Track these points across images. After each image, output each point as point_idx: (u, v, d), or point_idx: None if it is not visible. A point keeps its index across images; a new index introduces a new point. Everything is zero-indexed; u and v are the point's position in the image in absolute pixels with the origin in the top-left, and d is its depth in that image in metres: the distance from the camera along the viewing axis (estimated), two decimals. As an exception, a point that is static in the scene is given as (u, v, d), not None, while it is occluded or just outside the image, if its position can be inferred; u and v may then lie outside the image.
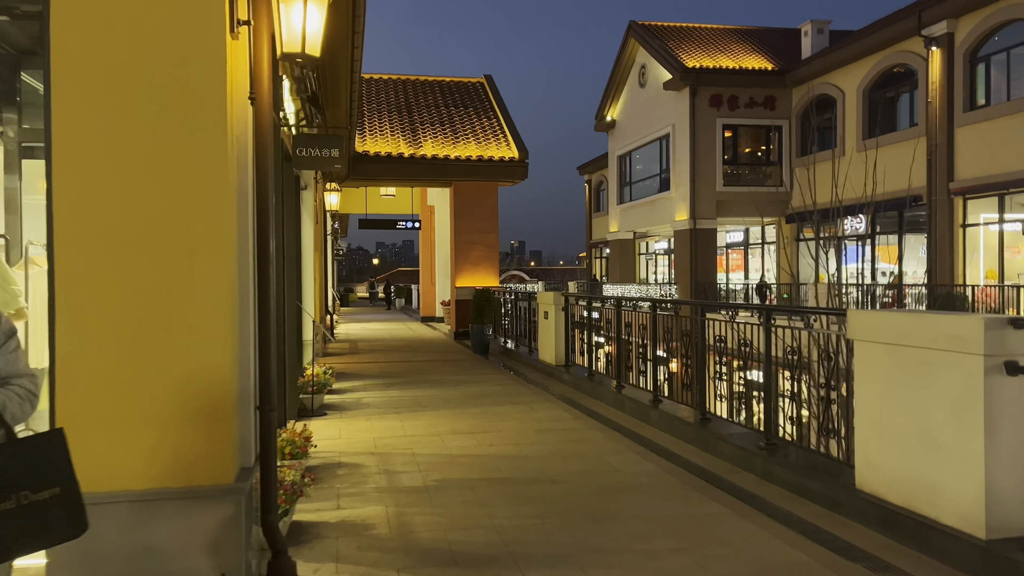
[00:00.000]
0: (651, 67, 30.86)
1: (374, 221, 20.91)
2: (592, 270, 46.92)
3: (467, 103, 21.52)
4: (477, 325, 15.49)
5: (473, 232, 18.84)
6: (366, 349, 16.62)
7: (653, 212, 31.29)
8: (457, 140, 19.33)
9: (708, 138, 27.85)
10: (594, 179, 45.38)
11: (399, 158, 18.35)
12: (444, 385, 10.89)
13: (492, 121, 20.56)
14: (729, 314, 6.45)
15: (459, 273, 18.86)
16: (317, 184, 11.92)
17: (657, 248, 37.38)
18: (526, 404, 9.22)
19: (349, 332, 21.65)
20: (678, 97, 28.45)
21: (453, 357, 14.85)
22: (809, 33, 28.07)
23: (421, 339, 19.18)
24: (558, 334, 11.63)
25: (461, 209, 18.86)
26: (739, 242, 31.59)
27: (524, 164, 18.83)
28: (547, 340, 12.05)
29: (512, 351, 14.44)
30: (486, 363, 13.79)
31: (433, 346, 17.26)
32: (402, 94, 21.83)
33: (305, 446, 5.70)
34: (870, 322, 4.54)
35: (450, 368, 13.00)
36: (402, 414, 8.58)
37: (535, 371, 12.27)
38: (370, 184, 19.37)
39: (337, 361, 14.02)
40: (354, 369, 12.84)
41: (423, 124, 20.01)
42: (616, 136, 35.08)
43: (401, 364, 13.64)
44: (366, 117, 20.08)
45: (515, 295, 15.17)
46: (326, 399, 9.56)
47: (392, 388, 10.65)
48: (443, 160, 18.48)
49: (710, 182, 27.91)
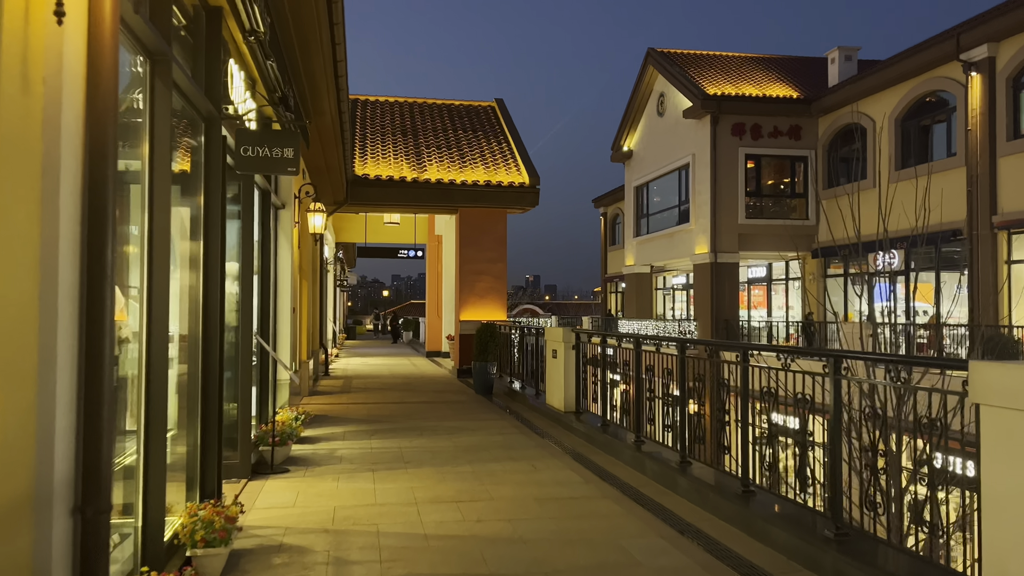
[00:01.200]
0: (670, 95, 29.74)
1: (373, 249, 19.68)
2: (607, 305, 45.49)
3: (476, 127, 20.39)
4: (480, 363, 14.11)
5: (479, 262, 17.55)
6: (359, 387, 15.25)
7: (671, 245, 29.93)
8: (464, 164, 18.13)
9: (730, 168, 26.58)
10: (610, 212, 44.20)
11: (401, 182, 17.15)
12: (436, 434, 9.48)
13: (502, 145, 19.38)
14: (784, 360, 5.06)
15: (464, 306, 17.53)
16: (299, 203, 10.68)
17: (675, 283, 35.96)
18: (528, 460, 7.80)
19: (347, 367, 20.31)
20: (698, 126, 27.26)
21: (452, 398, 13.44)
22: (836, 60, 26.90)
23: (421, 376, 17.79)
24: (568, 376, 10.22)
25: (467, 237, 17.59)
26: (761, 277, 30.13)
27: (535, 190, 17.58)
28: (555, 382, 10.65)
29: (518, 392, 13.03)
30: (488, 406, 12.37)
31: (433, 385, 15.86)
32: (407, 117, 20.73)
33: (227, 529, 4.33)
34: (1013, 381, 3.13)
35: (446, 412, 11.60)
36: (378, 472, 7.17)
37: (542, 417, 10.84)
38: (371, 209, 18.18)
39: (323, 402, 12.65)
40: (339, 412, 11.46)
41: (428, 148, 18.85)
42: (633, 167, 33.89)
43: (393, 406, 12.25)
44: (368, 139, 18.97)
45: (521, 330, 13.79)
46: (295, 450, 8.18)
47: (375, 436, 9.25)
48: (448, 185, 17.26)
49: (732, 214, 26.58)
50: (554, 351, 10.66)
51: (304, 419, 8.75)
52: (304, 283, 13.53)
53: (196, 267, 5.10)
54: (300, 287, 12.44)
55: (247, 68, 6.68)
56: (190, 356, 5.11)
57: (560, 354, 10.36)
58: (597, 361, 9.54)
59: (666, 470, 6.70)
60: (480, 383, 14.11)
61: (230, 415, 6.86)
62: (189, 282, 5.11)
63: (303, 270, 13.53)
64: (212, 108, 5.12)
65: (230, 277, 7.00)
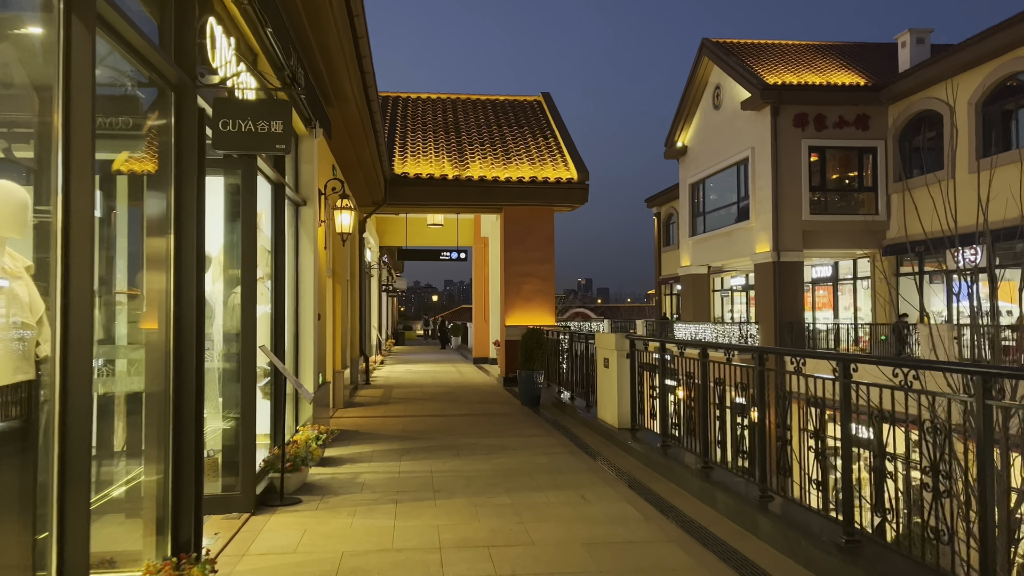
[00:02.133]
0: (726, 87, 28.33)
1: (415, 252, 18.80)
2: (661, 308, 44.04)
3: (522, 122, 19.39)
4: (526, 372, 13.07)
5: (526, 263, 16.52)
6: (399, 398, 14.35)
7: (730, 244, 28.48)
8: (509, 161, 17.14)
9: (792, 162, 25.08)
10: (663, 212, 42.79)
11: (442, 180, 16.24)
12: (473, 453, 8.47)
13: (549, 140, 18.34)
14: (904, 376, 3.90)
15: (509, 310, 16.52)
16: (325, 200, 9.80)
17: (734, 284, 34.43)
18: (576, 489, 6.73)
19: (391, 376, 19.49)
20: (758, 118, 25.81)
21: (496, 410, 12.43)
22: (907, 44, 25.16)
23: (467, 385, 16.83)
24: (622, 388, 9.11)
25: (512, 237, 16.58)
26: (827, 277, 28.47)
27: (584, 186, 16.49)
28: (608, 395, 9.55)
29: (567, 404, 11.95)
30: (533, 420, 11.33)
31: (476, 395, 14.88)
32: (450, 113, 19.85)
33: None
34: None
35: (488, 427, 10.59)
36: (401, 504, 6.19)
37: (593, 434, 9.75)
38: (411, 210, 17.33)
39: (358, 415, 11.77)
40: (372, 426, 10.55)
41: (471, 145, 17.92)
42: (688, 163, 32.50)
43: (432, 420, 11.29)
44: (409, 138, 18.13)
45: (571, 336, 12.70)
46: (314, 474, 7.26)
47: (406, 457, 8.28)
48: (492, 182, 16.28)
49: (795, 210, 25.06)
50: (606, 360, 9.56)
51: (326, 439, 7.83)
52: (338, 287, 12.69)
53: (165, 267, 4.19)
54: (329, 292, 11.59)
55: (243, 37, 5.78)
56: (159, 371, 4.20)
57: (613, 363, 9.26)
58: (655, 371, 8.42)
59: (742, 506, 5.56)
60: (526, 394, 13.07)
61: (230, 439, 5.96)
62: (157, 284, 4.20)
63: (336, 274, 12.70)
64: (183, 75, 4.21)
65: (227, 279, 6.10)
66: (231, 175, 5.91)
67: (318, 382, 9.26)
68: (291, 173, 8.74)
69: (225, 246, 6.10)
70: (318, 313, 9.25)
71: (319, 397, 9.49)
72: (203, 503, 4.45)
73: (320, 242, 9.54)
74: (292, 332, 8.58)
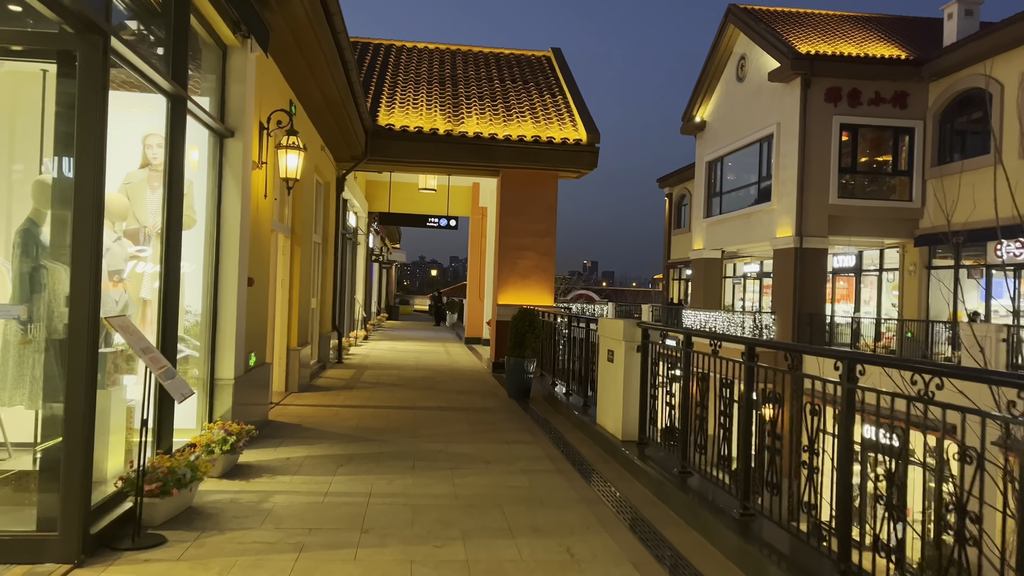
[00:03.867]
0: (753, 57, 26.17)
1: (398, 217, 16.78)
2: (669, 293, 42.05)
3: (527, 78, 17.31)
4: (515, 359, 11.14)
5: (523, 235, 14.53)
6: (369, 382, 12.45)
7: (747, 227, 26.45)
8: (510, 117, 15.11)
9: (822, 140, 22.99)
10: (675, 193, 40.69)
11: (433, 135, 14.21)
12: (434, 467, 6.56)
13: (556, 98, 16.27)
14: None
15: (503, 286, 14.56)
16: (268, 136, 7.81)
17: (747, 271, 32.38)
18: (561, 537, 4.80)
19: (370, 354, 17.59)
20: (786, 90, 23.69)
21: (478, 403, 10.52)
22: (955, 15, 22.93)
23: (451, 370, 14.91)
24: (629, 389, 7.17)
25: (509, 204, 14.58)
26: (849, 267, 26.44)
27: (593, 149, 14.45)
28: (610, 396, 7.61)
29: (561, 400, 10.03)
30: (519, 418, 9.41)
31: (459, 382, 12.96)
32: (447, 65, 17.77)
33: None
34: None
35: (462, 426, 8.67)
36: (305, 557, 4.26)
37: (590, 444, 7.83)
38: (396, 168, 15.30)
39: (312, 402, 9.87)
40: (321, 419, 8.65)
41: (469, 99, 15.87)
42: (705, 139, 30.38)
43: (397, 413, 9.38)
44: (399, 88, 16.08)
45: (569, 319, 10.74)
46: (210, 492, 5.35)
47: (345, 469, 6.37)
48: (490, 140, 14.25)
49: (822, 193, 23.01)
50: (610, 352, 7.61)
51: (237, 441, 5.93)
52: (296, 249, 10.74)
53: None
54: (280, 253, 9.64)
55: None
56: None
57: (619, 357, 7.31)
58: (672, 370, 6.47)
59: None
60: (514, 384, 11.15)
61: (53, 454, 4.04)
62: None
63: (295, 234, 10.74)
64: None
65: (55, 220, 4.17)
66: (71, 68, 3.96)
67: (246, 364, 7.34)
68: (214, 94, 6.76)
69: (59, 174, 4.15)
70: (249, 277, 7.31)
71: (254, 381, 7.59)
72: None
73: (258, 188, 7.57)
74: (208, 301, 6.65)
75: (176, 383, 4.41)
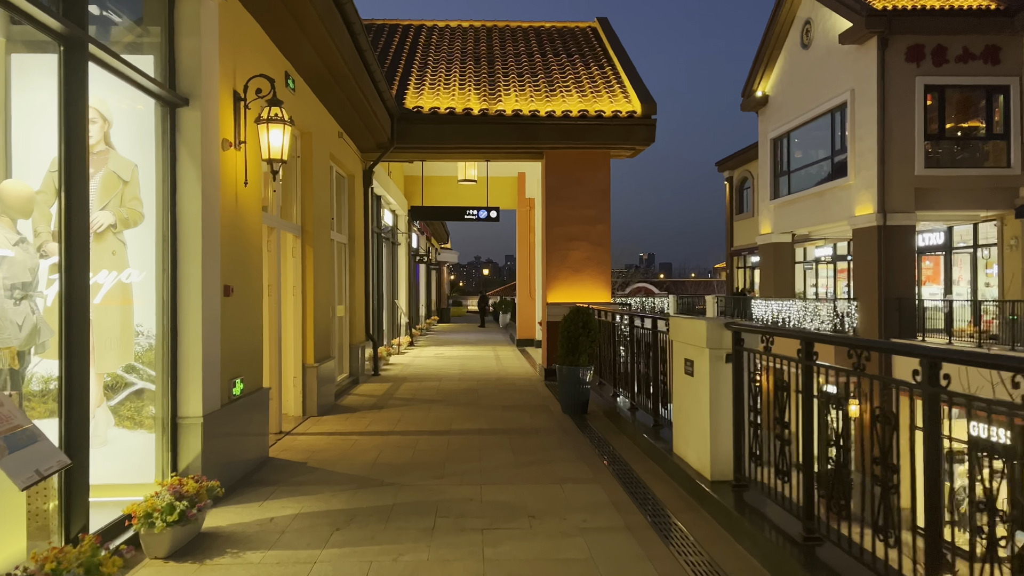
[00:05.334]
0: (819, 20, 23.90)
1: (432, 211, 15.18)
2: (734, 282, 39.69)
3: (571, 51, 15.56)
4: (568, 367, 9.44)
5: (573, 223, 12.81)
6: (404, 398, 10.91)
7: (821, 207, 24.18)
8: (553, 93, 13.40)
9: (903, 104, 20.67)
10: (736, 176, 38.36)
11: (466, 117, 12.60)
12: (461, 526, 4.91)
13: (604, 69, 14.49)
14: None
15: (552, 283, 12.86)
16: (244, 108, 6.27)
17: (819, 255, 29.97)
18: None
19: (412, 363, 16.10)
20: (860, 53, 21.41)
21: (526, 423, 8.86)
22: (1052, -45, 20.33)
23: (498, 379, 13.28)
24: (718, 413, 5.40)
25: (556, 190, 12.87)
26: (937, 245, 23.93)
27: (650, 122, 12.63)
28: (692, 420, 5.84)
29: (625, 417, 8.29)
30: (575, 442, 7.72)
31: (508, 394, 11.32)
32: (483, 42, 16.14)
33: None
34: None
35: (505, 455, 7.02)
36: None
37: (666, 481, 6.10)
38: (427, 155, 13.70)
39: (330, 428, 8.34)
40: (335, 452, 7.10)
41: (507, 76, 14.21)
42: (769, 115, 28.11)
43: (428, 440, 7.79)
44: (429, 68, 14.52)
45: (631, 317, 8.97)
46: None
47: (341, 537, 4.77)
48: (531, 118, 12.57)
49: (906, 163, 20.69)
50: (688, 362, 5.85)
51: (196, 505, 4.40)
52: (308, 250, 9.24)
53: None
54: (272, 253, 8.13)
55: None
56: None
57: (701, 368, 5.55)
58: (780, 386, 4.69)
59: None
60: (568, 398, 9.46)
61: None
62: None
63: (307, 232, 9.25)
64: None
65: None
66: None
67: (227, 393, 5.82)
68: (159, 51, 5.25)
69: None
70: (225, 285, 5.79)
71: (241, 413, 6.08)
72: None
73: (234, 173, 6.04)
74: (164, 317, 5.14)
75: (19, 460, 2.83)
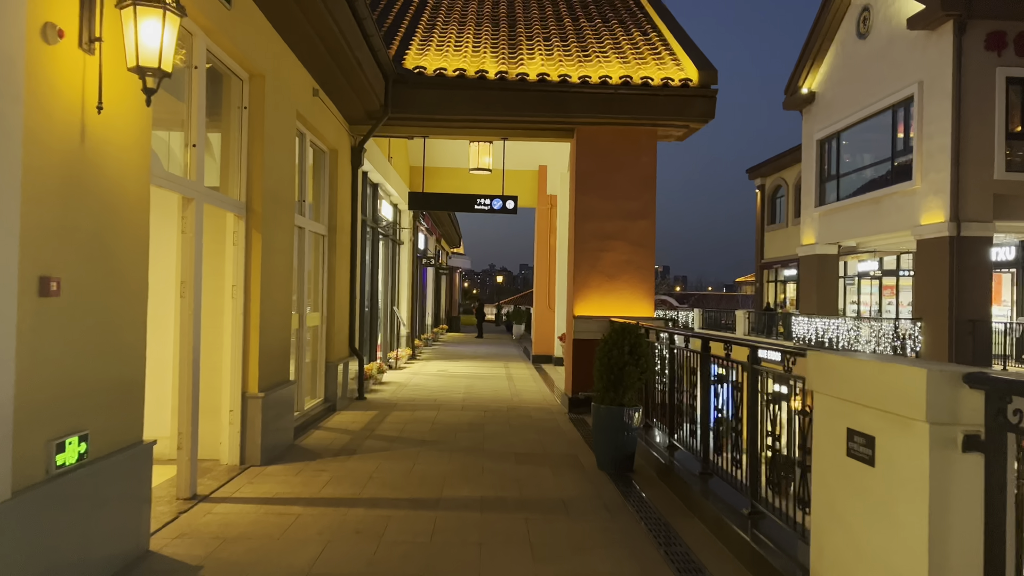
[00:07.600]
0: (880, 5, 21.31)
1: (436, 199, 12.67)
2: (764, 297, 36.97)
3: (608, 15, 13.05)
4: (608, 407, 6.85)
5: (608, 217, 10.26)
6: (387, 438, 8.36)
7: (876, 214, 21.51)
8: (587, 57, 10.89)
9: (982, 98, 18.02)
10: (768, 184, 35.73)
11: (479, 80, 10.10)
12: None
13: (649, 35, 11.95)
14: None
15: (580, 291, 10.30)
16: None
17: (862, 269, 27.25)
18: None
19: (408, 382, 13.58)
20: (930, 40, 18.79)
21: (548, 487, 6.29)
22: None
23: (510, 409, 10.72)
24: (944, 546, 2.78)
25: (588, 176, 10.34)
26: (1008, 261, 21.22)
27: (709, 92, 10.08)
28: (868, 544, 3.23)
29: (689, 483, 5.72)
30: (625, 531, 5.14)
31: (521, 433, 8.75)
32: (503, 5, 13.66)
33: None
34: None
35: (517, 553, 4.46)
36: None
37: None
38: (428, 128, 11.14)
39: (274, 490, 5.79)
40: (251, 551, 4.57)
41: (531, 39, 11.71)
42: (815, 114, 25.51)
43: (403, 521, 5.24)
44: (437, 28, 12.02)
45: (703, 342, 6.35)
46: None
47: None
48: (559, 84, 10.06)
49: (984, 165, 18.03)
50: (857, 438, 3.24)
51: None
52: (256, 236, 6.72)
53: None
54: (189, 235, 5.60)
55: None
56: None
57: (898, 457, 2.93)
58: None
59: None
60: (607, 448, 6.87)
61: None
62: None
63: (254, 211, 6.73)
64: None
65: None
66: None
67: (45, 464, 3.32)
68: None
69: None
70: (44, 277, 3.29)
71: (73, 495, 3.58)
72: None
73: (72, 86, 3.55)
74: None
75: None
